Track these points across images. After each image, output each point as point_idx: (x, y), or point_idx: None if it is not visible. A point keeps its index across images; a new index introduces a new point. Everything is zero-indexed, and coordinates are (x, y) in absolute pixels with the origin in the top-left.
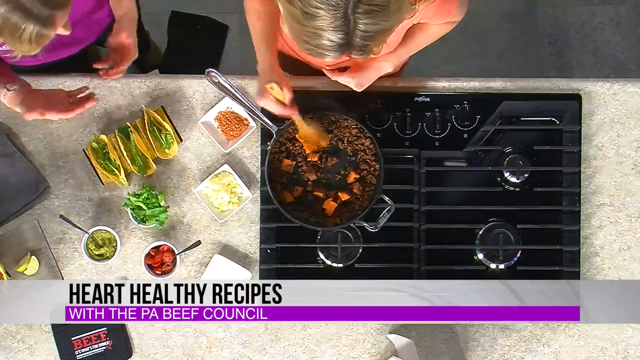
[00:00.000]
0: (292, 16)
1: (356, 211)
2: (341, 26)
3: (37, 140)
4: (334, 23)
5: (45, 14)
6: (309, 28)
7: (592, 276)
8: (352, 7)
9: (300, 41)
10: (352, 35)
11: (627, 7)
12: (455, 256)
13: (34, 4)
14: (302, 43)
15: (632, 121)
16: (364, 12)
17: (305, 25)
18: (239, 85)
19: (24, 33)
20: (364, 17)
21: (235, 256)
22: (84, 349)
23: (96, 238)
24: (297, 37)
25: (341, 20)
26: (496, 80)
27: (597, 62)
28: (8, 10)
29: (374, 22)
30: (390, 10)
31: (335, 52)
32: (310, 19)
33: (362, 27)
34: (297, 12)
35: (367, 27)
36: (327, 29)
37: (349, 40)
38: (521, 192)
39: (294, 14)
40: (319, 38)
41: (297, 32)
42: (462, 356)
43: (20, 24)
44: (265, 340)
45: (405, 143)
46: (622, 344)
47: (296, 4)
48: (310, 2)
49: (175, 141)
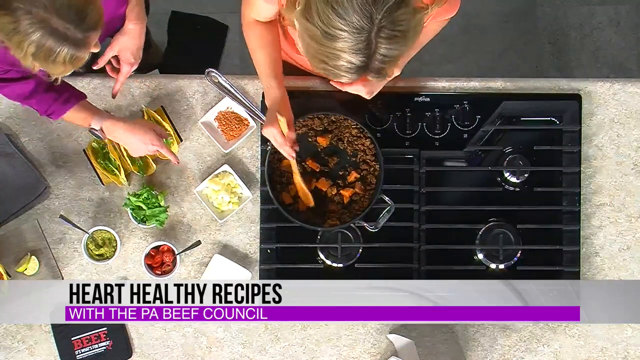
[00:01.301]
0: (311, 35)
1: (356, 211)
2: (363, 49)
3: (37, 140)
4: (356, 46)
5: (80, 37)
6: (329, 49)
7: (592, 276)
8: (375, 32)
9: (316, 60)
10: (372, 59)
11: (627, 7)
12: (455, 256)
13: (68, 28)
14: (318, 62)
15: (632, 121)
16: (387, 37)
17: (324, 45)
18: (239, 85)
19: (58, 56)
20: (385, 42)
21: (235, 256)
22: (84, 349)
23: (96, 238)
24: (313, 56)
25: (364, 43)
26: (496, 80)
27: (597, 62)
28: (42, 35)
29: (395, 47)
30: (409, 36)
31: (353, 74)
32: (331, 39)
33: (383, 51)
34: (317, 31)
35: (388, 52)
36: (348, 51)
37: (368, 63)
38: (521, 192)
39: (313, 33)
40: (337, 59)
41: (314, 52)
42: (462, 356)
43: (55, 48)
44: (265, 340)
45: (405, 143)
46: (622, 344)
47: (317, 23)
48: (332, 23)
49: (175, 141)
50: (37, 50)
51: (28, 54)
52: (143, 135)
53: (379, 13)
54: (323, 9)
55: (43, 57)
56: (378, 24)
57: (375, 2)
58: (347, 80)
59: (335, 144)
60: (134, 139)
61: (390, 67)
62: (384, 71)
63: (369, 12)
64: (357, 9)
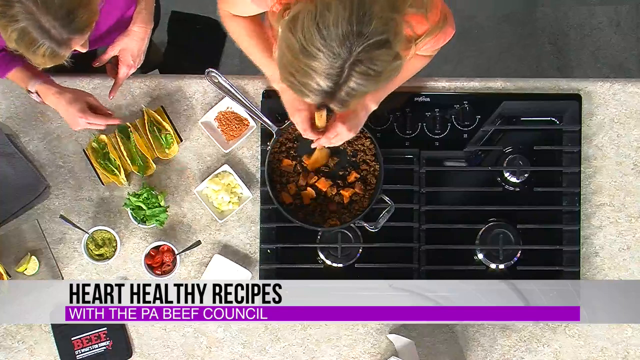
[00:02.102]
0: (289, 47)
1: (356, 211)
2: (334, 76)
3: (37, 140)
4: (329, 70)
5: (64, 37)
6: (302, 64)
7: (592, 276)
8: (350, 63)
9: (287, 72)
10: (340, 88)
11: (627, 7)
12: (455, 256)
13: (54, 26)
14: (288, 75)
15: (632, 121)
16: (360, 72)
17: (299, 60)
18: (239, 85)
19: (38, 49)
20: (358, 76)
21: (235, 256)
22: (84, 349)
23: (96, 238)
24: (285, 67)
25: (337, 70)
26: (496, 80)
27: (597, 62)
28: (27, 26)
29: (364, 84)
30: (382, 77)
31: (317, 97)
32: (307, 57)
33: (352, 84)
34: (296, 45)
35: (356, 86)
36: (320, 72)
37: (335, 90)
38: (521, 192)
39: (292, 45)
40: (307, 77)
41: (287, 63)
42: (462, 356)
43: (37, 40)
44: (265, 340)
45: (405, 143)
46: (622, 344)
47: (298, 36)
48: (313, 41)
49: (175, 141)
50: (19, 38)
51: (11, 38)
52: (67, 105)
53: (359, 46)
54: (308, 25)
55: (24, 45)
56: (355, 56)
57: (359, 35)
58: (309, 100)
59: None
60: (61, 108)
61: (354, 101)
62: (347, 104)
63: (350, 43)
64: (340, 36)
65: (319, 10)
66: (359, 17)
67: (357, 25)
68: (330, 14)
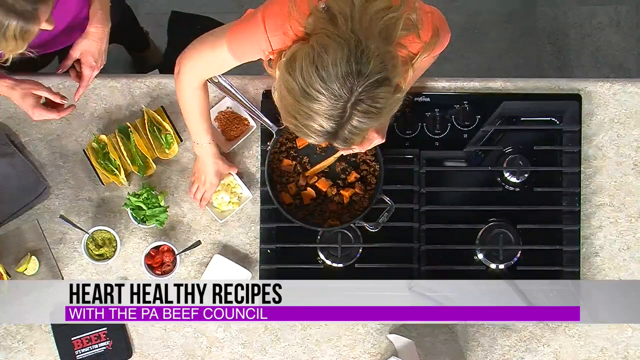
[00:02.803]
0: (289, 89)
1: (356, 211)
2: (336, 116)
3: (37, 140)
4: (330, 112)
5: (29, 9)
6: (304, 107)
7: (592, 276)
8: (352, 103)
9: (288, 115)
10: (343, 128)
11: (627, 7)
12: (455, 256)
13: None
14: (290, 117)
15: (632, 121)
16: (362, 111)
17: (300, 103)
18: (239, 85)
19: (7, 30)
20: (360, 115)
21: (235, 256)
22: (84, 349)
23: (96, 238)
24: (286, 110)
25: (338, 111)
26: (496, 80)
27: (597, 62)
28: None
29: (367, 121)
30: (384, 112)
31: (320, 137)
32: (308, 99)
33: (355, 123)
34: (296, 87)
35: (359, 124)
36: (322, 114)
37: (338, 130)
38: (521, 192)
39: (292, 88)
40: (310, 119)
41: (287, 105)
42: (462, 356)
43: (3, 21)
44: (265, 340)
45: (405, 143)
46: (622, 344)
47: (298, 79)
48: (313, 84)
49: (175, 141)
50: None
51: None
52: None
53: (359, 86)
54: (307, 68)
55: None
56: (357, 96)
57: (359, 75)
58: (312, 141)
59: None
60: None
61: (359, 138)
62: (350, 141)
63: (351, 83)
64: (340, 78)
65: (316, 51)
66: (357, 57)
67: (356, 65)
68: (328, 55)
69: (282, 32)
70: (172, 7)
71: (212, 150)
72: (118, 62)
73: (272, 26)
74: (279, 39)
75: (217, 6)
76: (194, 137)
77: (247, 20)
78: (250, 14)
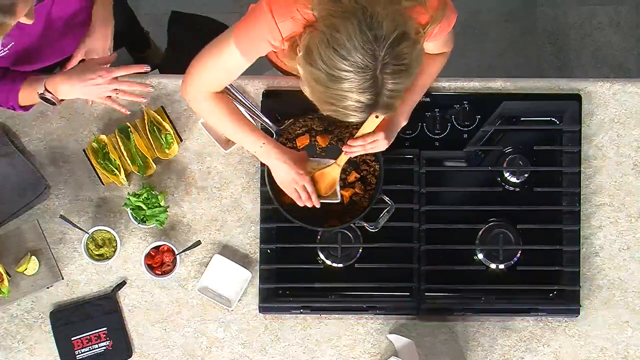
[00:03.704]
0: (316, 79)
1: (356, 211)
2: (370, 87)
3: (37, 140)
4: (363, 85)
5: (7, 3)
6: (336, 90)
7: (592, 276)
8: (380, 69)
9: (324, 103)
10: (380, 95)
11: (627, 7)
12: (455, 256)
13: None
14: (326, 105)
15: (632, 121)
16: (392, 73)
17: (331, 88)
18: (239, 85)
19: None
20: (391, 77)
21: (235, 256)
22: (84, 349)
23: (96, 238)
24: (321, 99)
25: (370, 82)
26: (496, 80)
27: (597, 62)
28: None
29: (401, 81)
30: (413, 67)
31: (362, 112)
32: (337, 81)
33: (390, 86)
34: (322, 75)
35: (395, 86)
36: (355, 90)
37: (377, 100)
38: (521, 192)
39: (318, 77)
40: (345, 100)
41: (321, 95)
42: (462, 356)
43: None
44: (265, 340)
45: (405, 143)
46: (622, 344)
47: (321, 67)
48: (336, 65)
49: (175, 141)
50: None
51: None
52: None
53: (381, 50)
54: (325, 53)
55: None
56: (382, 61)
57: (376, 40)
58: (356, 120)
59: (335, 144)
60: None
61: (398, 100)
62: (392, 106)
63: (372, 50)
64: (360, 49)
65: (327, 34)
66: (368, 24)
67: (370, 31)
68: (341, 33)
69: (290, 17)
70: (172, 7)
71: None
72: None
73: (279, 12)
74: (287, 25)
75: (217, 6)
76: (248, 147)
77: (252, 13)
78: (254, 7)
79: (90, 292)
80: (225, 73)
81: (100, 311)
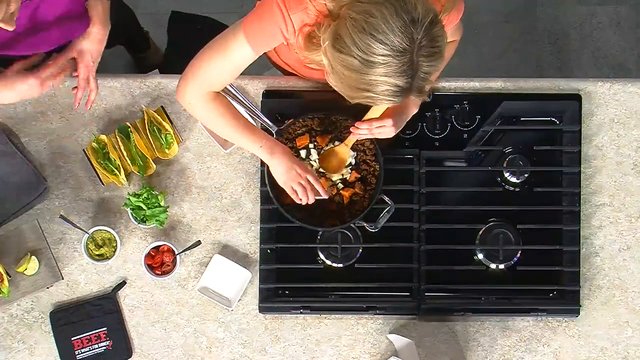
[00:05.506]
0: (348, 66)
1: (356, 211)
2: (407, 70)
3: (37, 140)
4: (400, 68)
5: None
6: (371, 76)
7: (592, 276)
8: (417, 51)
9: (356, 90)
10: (415, 78)
11: (627, 7)
12: (455, 256)
13: None
14: (358, 92)
15: (632, 121)
16: (427, 55)
17: (366, 73)
18: (239, 85)
19: None
20: (426, 59)
21: (235, 256)
22: (84, 349)
23: (96, 238)
24: (352, 87)
25: (407, 64)
26: (496, 80)
27: (597, 62)
28: None
29: (434, 63)
30: (443, 50)
31: (398, 97)
32: (373, 66)
33: (425, 69)
34: (356, 61)
35: (428, 69)
36: (393, 74)
37: (412, 83)
38: (521, 192)
39: (351, 64)
40: (382, 85)
41: (353, 82)
42: (462, 356)
43: None
44: (265, 340)
45: (405, 143)
46: (622, 344)
47: (355, 53)
48: (374, 50)
49: (175, 141)
50: None
51: None
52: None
53: (418, 33)
54: (361, 38)
55: None
56: (419, 43)
57: (413, 23)
58: (390, 104)
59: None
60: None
61: (429, 83)
62: (424, 89)
63: (409, 33)
64: (398, 32)
65: (360, 20)
66: (404, 7)
67: (407, 14)
68: (376, 18)
69: (302, 9)
70: (172, 7)
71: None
72: (118, 62)
73: (290, 3)
74: (298, 17)
75: (217, 6)
76: (249, 147)
77: (262, 5)
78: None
79: (90, 292)
80: (231, 69)
81: (100, 311)
